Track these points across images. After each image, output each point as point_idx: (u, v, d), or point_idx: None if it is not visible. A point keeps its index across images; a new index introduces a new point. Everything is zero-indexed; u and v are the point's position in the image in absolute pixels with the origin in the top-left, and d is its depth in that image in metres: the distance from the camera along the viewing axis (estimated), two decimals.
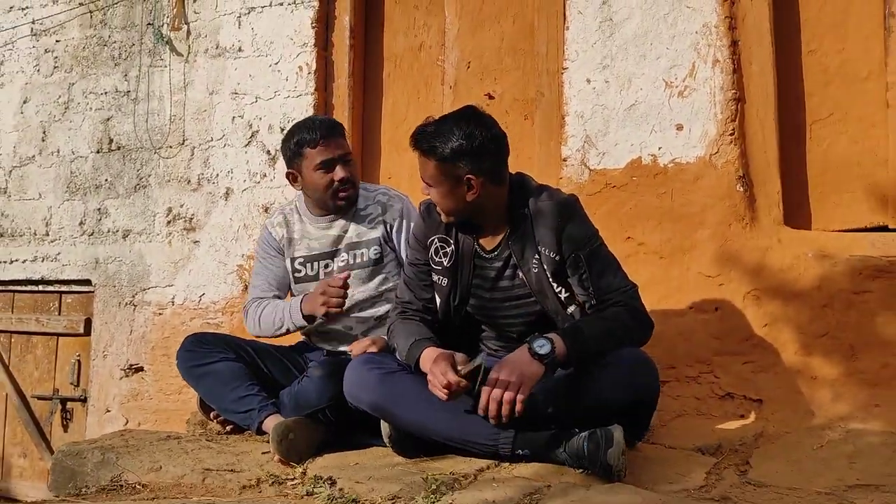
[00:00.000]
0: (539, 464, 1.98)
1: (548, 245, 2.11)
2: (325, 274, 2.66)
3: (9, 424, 4.27)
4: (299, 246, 2.70)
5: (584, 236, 2.12)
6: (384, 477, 1.95)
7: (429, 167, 2.11)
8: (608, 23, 3.05)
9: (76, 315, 4.12)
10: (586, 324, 2.03)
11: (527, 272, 2.14)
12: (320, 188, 2.60)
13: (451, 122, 2.11)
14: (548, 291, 2.12)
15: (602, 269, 2.10)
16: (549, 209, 2.13)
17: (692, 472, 2.00)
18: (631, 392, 1.94)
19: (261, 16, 3.72)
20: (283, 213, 2.77)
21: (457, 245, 2.22)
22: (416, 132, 2.13)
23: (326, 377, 2.26)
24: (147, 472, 2.13)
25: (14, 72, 4.35)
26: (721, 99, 2.85)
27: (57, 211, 4.16)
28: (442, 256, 2.24)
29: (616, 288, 2.08)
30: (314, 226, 2.69)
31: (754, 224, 2.80)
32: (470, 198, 2.11)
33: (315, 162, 2.57)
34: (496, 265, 2.20)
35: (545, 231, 2.11)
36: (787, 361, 2.68)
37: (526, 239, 2.14)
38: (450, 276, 2.22)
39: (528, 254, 2.13)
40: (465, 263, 2.21)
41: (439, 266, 2.24)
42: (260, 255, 2.77)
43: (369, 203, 2.68)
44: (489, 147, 2.09)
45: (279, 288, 2.73)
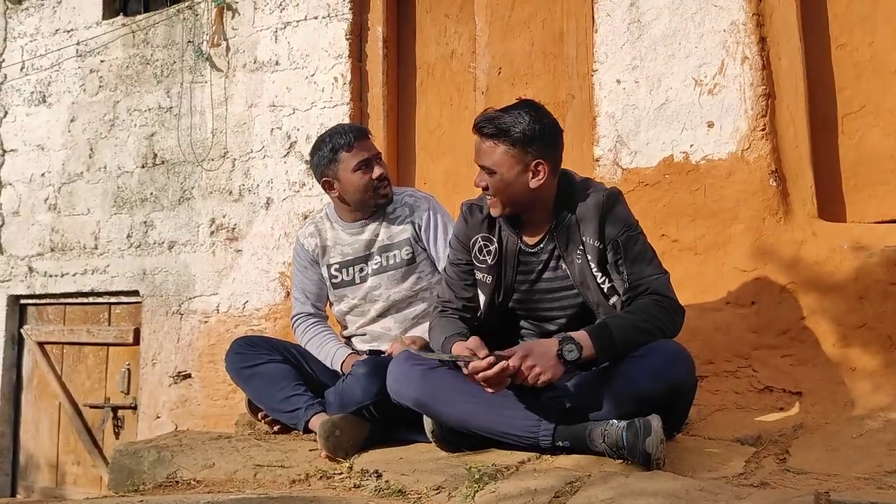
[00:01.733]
0: (579, 455, 2.02)
1: (591, 234, 2.14)
2: (360, 278, 2.74)
3: (62, 433, 4.43)
4: (333, 253, 2.78)
5: (623, 223, 2.15)
6: (428, 469, 2.01)
7: (496, 152, 2.12)
8: (636, 24, 3.09)
9: (125, 325, 4.26)
10: (615, 322, 2.05)
11: (570, 264, 2.18)
12: (360, 188, 2.68)
13: (518, 108, 2.15)
14: (590, 283, 2.15)
15: (636, 257, 2.13)
16: (593, 199, 2.16)
17: (731, 460, 2.03)
18: (666, 383, 1.97)
19: (296, 30, 3.83)
20: (314, 222, 2.86)
21: (500, 243, 2.25)
22: (483, 117, 2.15)
23: (370, 375, 2.33)
24: (201, 469, 2.22)
25: (61, 92, 4.53)
26: (751, 95, 2.88)
27: (105, 225, 4.31)
28: (486, 255, 2.26)
29: (647, 275, 2.11)
30: (346, 232, 2.77)
31: (788, 218, 2.81)
32: (534, 185, 2.13)
33: (352, 164, 2.66)
34: (541, 258, 2.23)
35: (589, 220, 2.15)
36: (825, 354, 2.69)
37: (570, 231, 2.18)
38: (494, 273, 2.24)
39: (571, 245, 2.17)
40: (509, 260, 2.25)
41: (483, 265, 2.26)
42: (296, 268, 2.87)
43: (397, 206, 2.76)
44: (556, 134, 2.17)
45: (318, 299, 2.84)
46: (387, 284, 2.70)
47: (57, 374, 4.44)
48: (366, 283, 2.74)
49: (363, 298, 2.75)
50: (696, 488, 1.70)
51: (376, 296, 2.72)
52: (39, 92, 4.60)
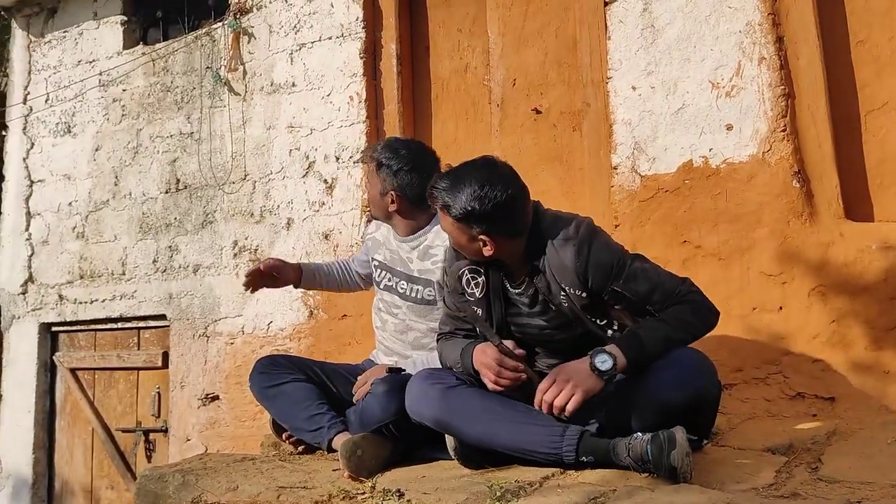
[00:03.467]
0: (604, 469, 1.98)
1: (571, 285, 2.05)
2: (386, 286, 2.73)
3: (96, 458, 4.48)
4: (380, 250, 2.79)
5: (610, 267, 2.04)
6: (451, 488, 1.99)
7: (446, 222, 2.12)
8: (650, 29, 3.07)
9: (154, 349, 4.31)
10: (645, 330, 2.01)
11: (558, 305, 2.11)
12: None
13: (465, 180, 2.04)
14: (585, 320, 2.10)
15: (648, 286, 2.04)
16: (565, 253, 2.05)
17: (761, 471, 1.98)
18: (689, 392, 1.93)
19: (311, 51, 3.86)
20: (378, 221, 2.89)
21: (486, 277, 2.19)
22: (432, 186, 2.10)
23: (389, 393, 2.32)
24: (225, 492, 2.22)
25: (86, 122, 4.61)
26: (770, 96, 2.83)
27: (132, 251, 4.37)
28: (473, 287, 2.20)
29: (670, 293, 2.05)
30: (396, 239, 2.74)
31: (814, 219, 2.75)
32: (487, 253, 2.09)
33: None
34: (528, 294, 2.17)
35: (565, 273, 2.05)
36: (857, 357, 2.62)
37: (548, 278, 2.09)
38: (483, 306, 2.19)
39: (554, 289, 2.09)
40: (496, 296, 2.19)
41: (472, 297, 2.20)
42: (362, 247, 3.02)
43: (437, 243, 2.63)
44: (502, 208, 2.01)
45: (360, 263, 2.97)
46: (405, 311, 2.68)
47: (89, 400, 4.50)
48: (385, 294, 2.74)
49: (387, 303, 2.74)
50: (723, 501, 1.65)
51: (395, 312, 2.71)
52: (64, 122, 4.69)
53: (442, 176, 2.11)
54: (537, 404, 1.93)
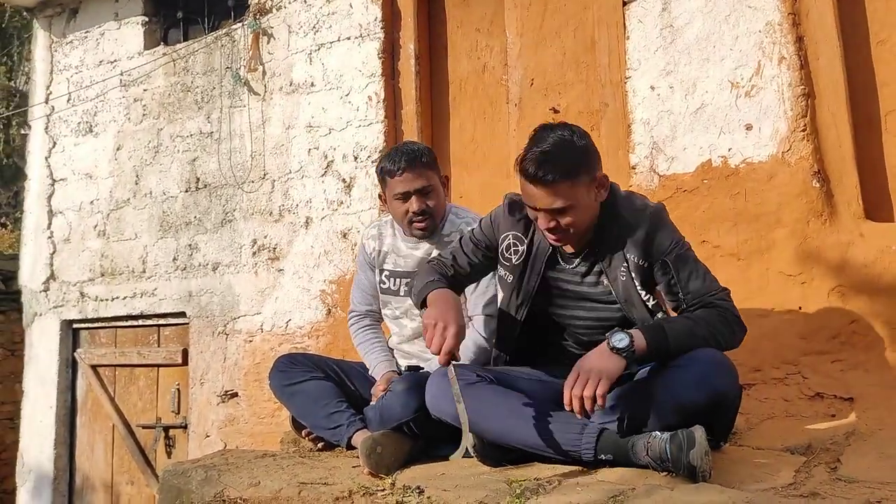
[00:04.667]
0: (623, 468, 1.99)
1: (636, 251, 2.10)
2: (406, 292, 2.74)
3: (116, 453, 4.53)
4: (388, 260, 2.79)
5: (671, 242, 2.10)
6: (470, 485, 2.00)
7: (562, 191, 2.04)
8: (669, 29, 3.07)
9: (174, 346, 4.35)
10: (669, 322, 2.04)
11: (613, 280, 2.14)
12: (397, 216, 2.70)
13: (553, 137, 2.07)
14: (635, 300, 2.12)
15: (690, 274, 2.08)
16: (638, 217, 2.12)
17: (780, 470, 1.98)
18: (709, 392, 1.93)
19: (330, 51, 3.89)
20: (378, 226, 2.87)
21: (530, 246, 2.23)
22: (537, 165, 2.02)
23: (409, 391, 2.33)
24: (247, 488, 2.24)
25: (107, 121, 4.66)
26: (790, 96, 2.83)
27: (152, 249, 4.41)
28: (512, 254, 2.25)
29: (706, 292, 2.06)
30: (404, 243, 2.77)
31: (834, 219, 2.75)
32: (601, 197, 2.11)
33: (394, 192, 2.65)
34: (579, 269, 2.20)
35: (634, 237, 2.10)
36: (877, 358, 2.61)
37: (614, 246, 2.13)
38: (517, 274, 2.23)
39: (615, 261, 2.13)
40: (535, 265, 2.22)
41: (507, 262, 2.25)
42: (358, 266, 2.92)
43: (453, 230, 2.70)
44: (592, 144, 2.13)
45: (374, 299, 2.87)
46: None
47: (110, 396, 4.55)
48: (409, 299, 2.75)
49: (404, 313, 2.76)
50: (743, 500, 1.66)
51: (415, 315, 2.72)
52: (86, 122, 4.74)
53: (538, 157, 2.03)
54: (567, 402, 1.91)
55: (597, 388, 1.87)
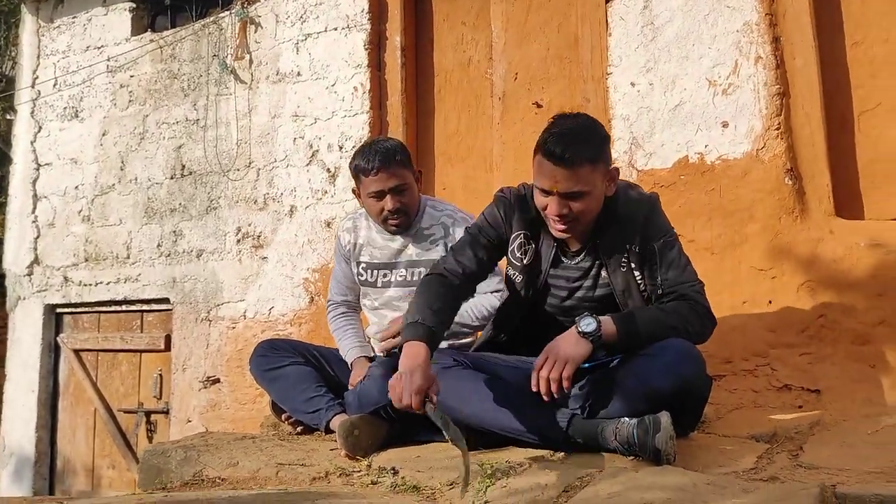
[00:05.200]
0: (593, 452, 2.05)
1: (633, 238, 2.14)
2: (383, 283, 2.79)
3: (98, 437, 4.55)
4: (363, 252, 2.83)
5: (660, 229, 2.15)
6: (443, 466, 2.06)
7: (583, 175, 2.03)
8: (650, 27, 3.12)
9: (157, 332, 4.38)
10: (640, 311, 2.09)
11: (613, 272, 2.16)
12: (372, 213, 2.73)
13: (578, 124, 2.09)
14: (633, 291, 2.16)
15: (671, 263, 2.13)
16: (636, 208, 2.16)
17: (744, 456, 2.04)
18: (676, 380, 1.98)
19: (317, 41, 3.92)
20: (353, 218, 2.90)
21: (537, 246, 2.24)
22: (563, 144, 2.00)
23: (386, 376, 2.36)
24: (226, 468, 2.29)
25: (93, 107, 4.67)
26: (765, 94, 2.89)
27: (136, 235, 4.43)
28: (522, 254, 2.25)
29: (682, 282, 2.12)
30: (380, 235, 2.81)
31: (805, 216, 2.82)
32: (610, 191, 2.12)
33: (368, 190, 2.68)
34: (582, 266, 2.23)
35: (632, 224, 2.14)
36: (844, 351, 2.69)
37: (614, 238, 2.16)
38: (526, 273, 2.25)
39: (616, 254, 2.16)
40: (543, 264, 2.24)
41: (518, 262, 2.25)
42: (335, 257, 2.97)
43: (433, 223, 2.75)
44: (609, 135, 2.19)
45: (349, 290, 2.91)
46: (407, 297, 2.73)
47: (92, 381, 4.58)
48: (388, 290, 2.79)
49: (384, 304, 2.80)
50: (704, 482, 1.72)
51: (396, 306, 2.76)
52: (72, 107, 4.75)
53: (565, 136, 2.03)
54: (534, 384, 1.96)
55: (562, 372, 1.92)
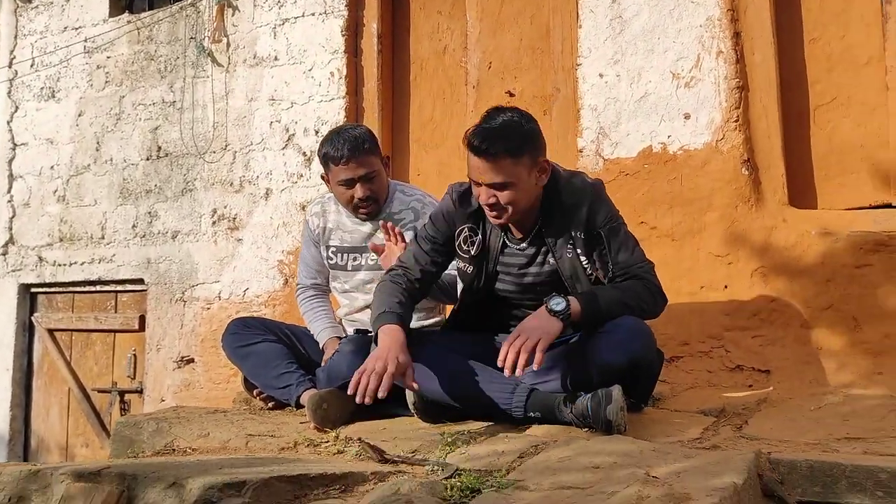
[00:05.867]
0: (550, 425, 2.15)
1: (579, 224, 2.22)
2: (353, 266, 2.86)
3: (72, 416, 4.60)
4: (333, 236, 2.90)
5: (607, 214, 2.25)
6: (407, 437, 2.15)
7: (504, 167, 2.14)
8: (618, 20, 3.22)
9: (131, 312, 4.43)
10: (601, 290, 2.19)
11: (559, 259, 2.26)
12: (342, 200, 2.81)
13: (503, 117, 2.19)
14: (581, 275, 2.25)
15: (620, 246, 2.23)
16: (580, 196, 2.24)
17: (691, 428, 2.16)
18: (627, 356, 2.10)
19: (294, 26, 3.98)
20: (322, 202, 2.96)
21: (484, 235, 2.33)
22: (482, 138, 2.13)
23: (355, 352, 2.47)
24: (196, 439, 2.37)
25: (69, 87, 4.69)
26: (725, 88, 3.00)
27: (111, 216, 4.47)
28: (469, 245, 2.34)
29: (632, 264, 2.22)
30: (349, 219, 2.88)
31: (760, 205, 2.94)
32: (542, 182, 2.22)
33: (338, 178, 2.74)
34: (528, 252, 2.32)
35: (578, 211, 2.23)
36: (793, 334, 2.82)
37: (559, 224, 2.26)
38: (475, 264, 2.34)
39: (561, 241, 2.25)
40: (491, 253, 2.34)
41: (466, 255, 2.35)
42: (303, 242, 3.04)
43: (403, 208, 2.83)
44: (539, 131, 2.25)
45: (318, 273, 2.99)
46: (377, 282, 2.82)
47: (66, 360, 4.61)
48: (359, 273, 2.87)
49: (354, 287, 2.88)
50: (649, 449, 1.83)
51: (367, 289, 2.83)
52: (49, 87, 4.77)
53: (485, 131, 2.15)
54: (501, 358, 2.03)
55: (537, 343, 2.01)
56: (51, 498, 1.60)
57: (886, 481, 1.63)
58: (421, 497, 1.45)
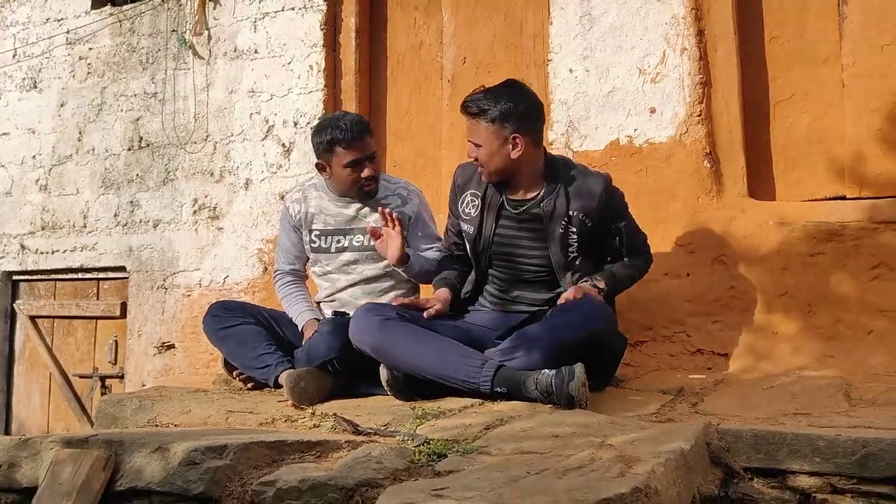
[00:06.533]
0: (516, 401, 2.27)
1: (583, 211, 2.50)
2: (337, 248, 2.97)
3: (53, 402, 4.66)
4: (316, 220, 2.99)
5: (623, 205, 2.63)
6: (380, 413, 2.26)
7: (479, 129, 2.46)
8: (587, 17, 3.34)
9: (113, 299, 4.49)
10: (616, 269, 2.58)
11: (551, 234, 2.51)
12: (347, 183, 2.89)
13: (499, 89, 2.49)
14: (565, 252, 2.51)
15: (632, 237, 2.62)
16: (593, 184, 2.53)
17: (649, 405, 2.29)
18: (587, 333, 2.23)
19: (274, 20, 4.06)
20: (302, 189, 3.06)
21: (484, 198, 2.59)
22: (468, 98, 2.47)
23: (333, 332, 2.58)
24: (178, 415, 2.46)
25: (52, 78, 4.74)
26: (689, 84, 3.13)
27: (93, 205, 4.53)
28: (471, 208, 2.62)
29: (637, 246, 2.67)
30: (333, 203, 2.98)
31: (721, 196, 3.07)
32: (514, 156, 2.47)
33: (345, 160, 2.83)
34: (523, 217, 2.56)
35: (585, 200, 2.50)
36: (751, 320, 2.96)
37: (558, 202, 2.51)
38: (476, 224, 2.60)
39: (557, 216, 2.50)
40: (489, 214, 2.58)
41: (468, 217, 2.63)
42: (281, 228, 3.12)
43: (389, 194, 2.95)
44: (532, 112, 2.50)
45: (297, 259, 3.09)
46: (363, 261, 2.93)
47: (48, 347, 4.67)
48: (342, 254, 2.96)
49: (337, 269, 2.98)
50: (607, 421, 1.95)
51: (350, 269, 2.95)
52: (31, 78, 4.81)
53: (475, 94, 2.49)
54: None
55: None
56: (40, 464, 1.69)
57: (824, 448, 1.76)
58: (391, 459, 1.56)
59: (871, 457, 1.69)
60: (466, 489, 1.31)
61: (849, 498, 1.72)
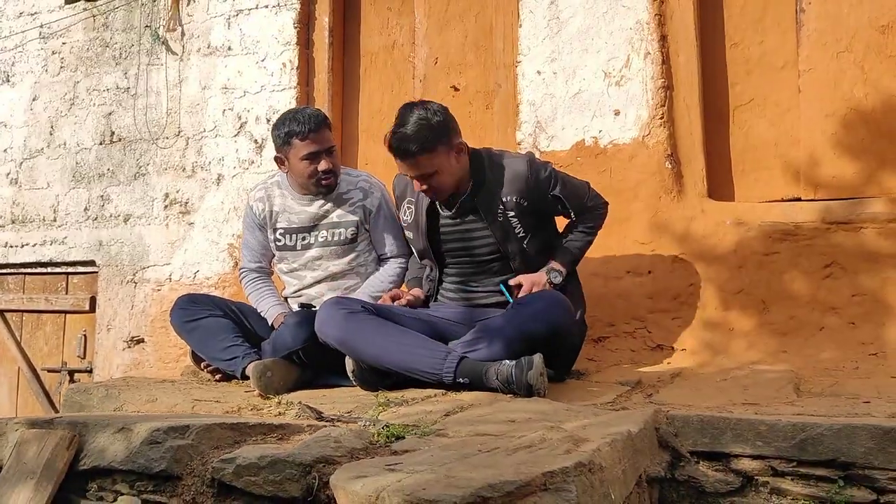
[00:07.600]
0: (479, 392, 2.33)
1: (515, 194, 2.56)
2: (302, 245, 3.01)
3: (21, 395, 4.64)
4: (280, 218, 3.03)
5: (552, 178, 2.62)
6: (345, 402, 2.31)
7: (431, 159, 2.51)
8: (555, 21, 3.42)
9: (82, 293, 4.49)
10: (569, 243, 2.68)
11: (491, 223, 2.59)
12: (303, 176, 2.93)
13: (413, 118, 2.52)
14: (511, 236, 2.59)
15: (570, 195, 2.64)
16: (516, 166, 2.59)
17: (606, 394, 2.36)
18: (546, 324, 2.30)
19: (248, 17, 4.10)
20: (265, 187, 3.09)
21: (417, 204, 2.70)
22: (399, 143, 2.50)
23: (299, 324, 2.62)
24: (145, 403, 2.49)
25: (24, 72, 4.74)
26: (652, 87, 3.22)
27: (63, 198, 4.53)
28: (408, 215, 2.76)
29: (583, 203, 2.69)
30: (296, 202, 3.02)
31: (681, 197, 3.16)
32: (463, 160, 2.58)
33: (302, 153, 2.88)
34: (460, 213, 2.65)
35: (513, 183, 2.57)
36: (708, 316, 3.05)
37: (489, 193, 2.59)
38: (413, 229, 2.73)
39: (492, 206, 2.58)
40: (421, 218, 2.67)
41: (405, 224, 2.78)
42: (245, 227, 3.14)
43: (351, 188, 3.00)
44: (448, 114, 2.60)
45: (263, 257, 3.11)
46: (328, 257, 2.98)
47: (16, 340, 4.65)
48: (308, 251, 3.01)
49: (303, 265, 3.03)
50: (563, 409, 2.02)
51: (316, 265, 3.00)
52: (3, 72, 4.80)
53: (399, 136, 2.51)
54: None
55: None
56: (6, 444, 1.72)
57: (765, 432, 1.84)
58: (349, 440, 1.62)
59: (809, 441, 1.77)
60: (419, 464, 1.37)
61: (788, 480, 1.79)
